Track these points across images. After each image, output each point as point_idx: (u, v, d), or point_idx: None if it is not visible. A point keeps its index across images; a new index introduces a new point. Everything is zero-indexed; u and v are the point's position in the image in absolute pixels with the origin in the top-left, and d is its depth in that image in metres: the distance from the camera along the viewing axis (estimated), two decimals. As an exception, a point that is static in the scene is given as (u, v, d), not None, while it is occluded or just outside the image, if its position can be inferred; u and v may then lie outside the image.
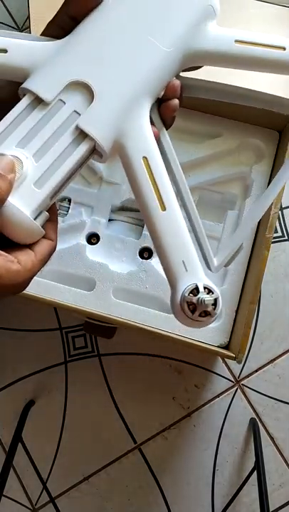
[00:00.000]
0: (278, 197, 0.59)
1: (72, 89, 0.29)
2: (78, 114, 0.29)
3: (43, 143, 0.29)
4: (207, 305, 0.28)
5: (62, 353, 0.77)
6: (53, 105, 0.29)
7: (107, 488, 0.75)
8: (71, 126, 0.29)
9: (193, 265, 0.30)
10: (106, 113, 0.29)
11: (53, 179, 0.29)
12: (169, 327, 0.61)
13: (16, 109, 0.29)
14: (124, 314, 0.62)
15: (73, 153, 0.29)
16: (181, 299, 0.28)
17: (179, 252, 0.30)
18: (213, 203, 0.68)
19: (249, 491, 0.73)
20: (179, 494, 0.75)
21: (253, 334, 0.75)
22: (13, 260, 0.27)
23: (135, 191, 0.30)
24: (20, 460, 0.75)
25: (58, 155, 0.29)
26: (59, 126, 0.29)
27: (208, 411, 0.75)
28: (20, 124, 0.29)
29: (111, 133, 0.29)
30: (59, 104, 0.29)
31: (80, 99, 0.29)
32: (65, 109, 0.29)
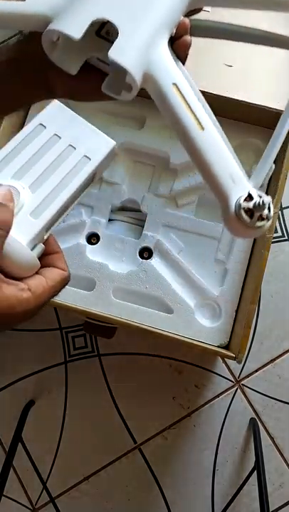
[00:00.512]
0: (278, 197, 0.59)
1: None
2: (74, 148, 0.31)
3: (40, 173, 0.30)
4: (264, 206, 0.29)
5: (63, 353, 0.77)
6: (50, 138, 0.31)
7: (107, 488, 0.75)
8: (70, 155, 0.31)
9: (240, 177, 0.31)
10: (132, 44, 0.29)
11: (50, 209, 0.29)
12: (169, 327, 0.61)
13: (17, 138, 0.30)
14: (124, 314, 0.62)
15: (71, 183, 0.30)
16: (236, 209, 0.30)
17: (225, 167, 0.31)
18: (213, 203, 0.67)
19: (249, 491, 0.73)
20: (179, 494, 0.75)
21: (253, 334, 0.75)
22: (23, 288, 0.27)
23: (172, 117, 0.31)
24: (21, 460, 0.75)
25: (55, 185, 0.30)
26: (57, 156, 0.30)
27: (208, 411, 0.75)
28: (18, 154, 0.30)
29: (139, 63, 0.29)
30: (54, 138, 0.31)
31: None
32: (62, 141, 0.31)
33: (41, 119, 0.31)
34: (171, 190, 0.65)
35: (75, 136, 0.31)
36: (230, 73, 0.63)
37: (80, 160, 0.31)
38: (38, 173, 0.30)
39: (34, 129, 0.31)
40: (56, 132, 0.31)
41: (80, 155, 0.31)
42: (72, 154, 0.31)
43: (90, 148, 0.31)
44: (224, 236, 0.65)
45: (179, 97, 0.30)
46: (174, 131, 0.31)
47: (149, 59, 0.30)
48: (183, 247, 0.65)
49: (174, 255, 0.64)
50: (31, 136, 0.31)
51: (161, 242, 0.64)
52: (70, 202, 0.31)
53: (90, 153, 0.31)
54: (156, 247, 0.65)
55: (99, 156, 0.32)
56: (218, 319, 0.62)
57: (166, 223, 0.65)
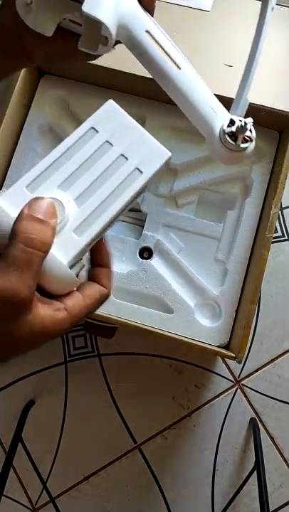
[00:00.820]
0: (278, 197, 0.59)
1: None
2: (126, 158, 0.29)
3: (88, 186, 0.28)
4: (246, 128, 0.32)
5: (63, 353, 0.77)
6: (101, 145, 0.29)
7: (107, 488, 0.75)
8: (121, 167, 0.29)
9: (220, 108, 0.34)
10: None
11: (95, 226, 0.28)
12: (169, 327, 0.61)
13: (66, 142, 0.28)
14: (124, 314, 0.62)
15: (119, 198, 0.28)
16: (221, 135, 0.32)
17: (205, 100, 0.33)
18: (213, 203, 0.68)
19: (249, 491, 0.73)
20: (179, 494, 0.75)
21: (253, 334, 0.75)
22: (59, 308, 0.26)
23: (150, 63, 0.32)
24: (21, 460, 0.75)
25: (102, 200, 0.28)
26: (107, 167, 0.28)
27: (208, 411, 0.75)
28: (67, 162, 0.28)
29: (112, 14, 0.30)
30: (106, 145, 0.29)
31: None
32: (114, 149, 0.29)
33: (94, 122, 0.29)
34: (171, 190, 0.65)
35: (128, 145, 0.29)
36: (230, 73, 0.63)
37: (132, 173, 0.29)
38: (86, 185, 0.28)
39: (85, 134, 0.29)
40: (108, 139, 0.29)
41: (131, 167, 0.29)
42: (124, 166, 0.29)
43: (143, 159, 0.29)
44: (224, 236, 0.65)
45: (153, 42, 0.32)
46: (153, 75, 0.32)
47: (120, 10, 0.31)
48: (183, 247, 0.65)
49: (174, 255, 0.64)
50: (82, 142, 0.29)
51: (161, 242, 0.64)
52: (115, 217, 0.29)
53: (142, 165, 0.29)
54: (156, 247, 0.65)
55: (151, 169, 0.29)
56: (218, 319, 0.62)
57: (166, 223, 0.65)
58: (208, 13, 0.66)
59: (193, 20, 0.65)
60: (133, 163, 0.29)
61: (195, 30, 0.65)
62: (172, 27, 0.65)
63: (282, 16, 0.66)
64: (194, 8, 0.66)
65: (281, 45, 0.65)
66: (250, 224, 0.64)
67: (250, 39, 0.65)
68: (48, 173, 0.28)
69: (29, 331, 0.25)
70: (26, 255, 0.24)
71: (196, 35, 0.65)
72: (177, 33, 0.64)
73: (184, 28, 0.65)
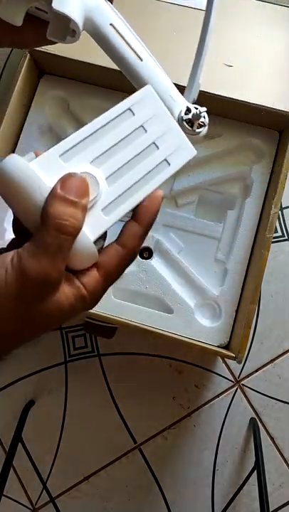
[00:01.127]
0: (278, 197, 0.59)
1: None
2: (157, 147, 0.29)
3: (120, 167, 0.28)
4: (201, 115, 0.35)
5: (63, 353, 0.77)
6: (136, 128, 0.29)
7: (107, 488, 0.75)
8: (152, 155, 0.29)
9: (178, 96, 0.36)
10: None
11: (123, 207, 0.28)
12: (169, 327, 0.61)
13: (103, 118, 0.28)
14: (124, 314, 0.62)
15: (147, 185, 0.28)
16: (179, 121, 0.34)
17: (165, 89, 0.35)
18: (213, 203, 0.68)
19: (249, 491, 0.73)
20: (179, 494, 0.75)
21: (253, 334, 0.75)
22: (79, 286, 0.26)
23: (114, 53, 0.34)
24: (21, 460, 0.75)
25: (131, 184, 0.28)
26: (140, 152, 0.28)
27: (208, 411, 0.75)
28: (102, 138, 0.28)
29: (79, 9, 0.32)
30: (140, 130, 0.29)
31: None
32: (147, 136, 0.29)
33: (131, 104, 0.29)
34: (171, 190, 0.65)
35: (161, 134, 0.29)
36: (230, 73, 0.63)
37: (160, 163, 0.29)
38: (118, 165, 0.28)
39: (122, 113, 0.29)
40: (143, 124, 0.29)
41: (161, 157, 0.29)
42: (154, 154, 0.29)
43: (172, 151, 0.30)
44: (224, 236, 0.65)
45: (117, 34, 0.34)
46: (118, 66, 0.35)
47: (86, 5, 0.33)
48: (183, 246, 0.65)
49: (174, 255, 0.64)
50: (118, 121, 0.28)
51: (161, 242, 0.64)
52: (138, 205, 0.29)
53: (171, 157, 0.29)
54: (156, 247, 0.65)
55: (178, 163, 0.30)
56: (218, 319, 0.62)
57: (166, 223, 0.65)
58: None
59: (193, 20, 0.65)
60: (163, 154, 0.29)
61: (195, 30, 0.65)
62: (172, 27, 0.65)
63: (282, 15, 0.66)
64: (194, 8, 0.66)
65: (281, 45, 0.65)
66: (250, 224, 0.64)
67: (250, 39, 0.65)
68: (82, 145, 0.27)
69: (58, 309, 0.25)
70: (59, 241, 0.24)
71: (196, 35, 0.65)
72: (177, 33, 0.64)
73: (184, 28, 0.65)
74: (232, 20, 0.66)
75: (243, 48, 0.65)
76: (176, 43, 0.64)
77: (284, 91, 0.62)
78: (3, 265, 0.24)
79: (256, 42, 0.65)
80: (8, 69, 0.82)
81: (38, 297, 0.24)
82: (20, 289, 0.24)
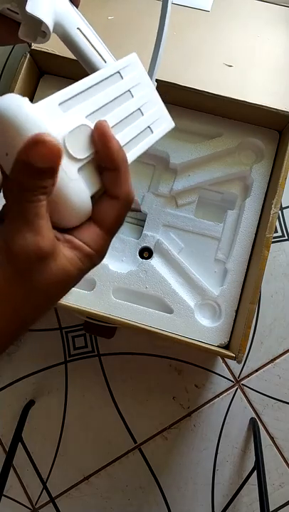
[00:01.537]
0: (278, 197, 0.59)
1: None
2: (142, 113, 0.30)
3: (113, 125, 0.28)
4: None
5: (62, 352, 0.77)
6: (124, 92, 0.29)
7: (107, 488, 0.75)
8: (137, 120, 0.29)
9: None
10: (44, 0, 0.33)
11: None
12: (169, 327, 0.61)
13: (94, 77, 0.28)
14: (124, 314, 0.62)
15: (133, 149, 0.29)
16: None
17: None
18: (213, 203, 0.68)
19: (249, 491, 0.73)
20: (179, 494, 0.75)
21: (253, 334, 0.75)
22: (80, 245, 0.25)
23: (81, 55, 0.36)
24: (20, 460, 0.75)
25: (124, 142, 0.28)
26: (127, 115, 0.29)
27: (208, 411, 0.75)
28: (93, 96, 0.28)
29: (51, 14, 0.34)
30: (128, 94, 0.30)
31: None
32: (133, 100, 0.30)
33: (119, 67, 0.30)
34: (171, 190, 0.65)
35: (145, 102, 0.30)
36: (231, 73, 0.63)
37: (145, 129, 0.30)
38: (119, 118, 0.28)
39: (113, 75, 0.29)
40: (130, 89, 0.30)
41: (145, 124, 0.30)
42: (140, 120, 0.30)
43: (154, 120, 0.31)
44: (224, 236, 0.65)
45: (83, 38, 0.36)
46: (84, 66, 0.37)
47: (56, 10, 0.35)
48: (183, 246, 0.65)
49: (174, 255, 0.64)
50: (109, 82, 0.29)
51: (161, 241, 0.64)
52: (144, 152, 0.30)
53: (153, 125, 0.30)
54: (156, 247, 0.65)
55: (159, 132, 0.31)
56: (218, 319, 0.62)
57: (166, 223, 0.65)
58: (208, 13, 0.66)
59: (193, 20, 0.65)
60: (147, 121, 0.30)
61: (195, 30, 0.65)
62: (172, 27, 0.65)
63: (283, 15, 0.66)
64: (194, 8, 0.66)
65: (281, 45, 0.65)
66: (250, 224, 0.64)
67: (250, 39, 0.65)
68: (79, 98, 0.27)
69: (64, 274, 0.24)
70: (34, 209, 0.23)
71: (196, 35, 0.65)
72: (177, 33, 0.64)
73: (184, 28, 0.65)
74: (232, 20, 0.66)
75: (243, 48, 0.65)
76: (175, 42, 0.64)
77: (284, 91, 0.62)
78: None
79: (256, 42, 0.65)
80: (8, 69, 0.82)
81: (38, 272, 0.23)
82: (17, 271, 0.23)
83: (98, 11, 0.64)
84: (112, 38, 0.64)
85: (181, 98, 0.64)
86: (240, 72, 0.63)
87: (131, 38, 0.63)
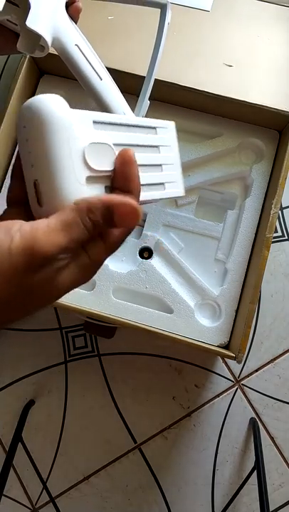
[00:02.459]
0: (278, 197, 0.59)
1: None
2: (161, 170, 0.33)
3: (141, 164, 0.29)
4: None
5: (63, 352, 0.77)
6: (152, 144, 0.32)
7: (107, 488, 0.75)
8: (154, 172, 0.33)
9: (129, 112, 0.41)
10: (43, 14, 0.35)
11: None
12: (169, 327, 0.61)
13: (132, 119, 0.31)
14: (124, 314, 0.62)
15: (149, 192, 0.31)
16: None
17: (119, 105, 0.40)
18: (213, 202, 0.68)
19: (249, 491, 0.73)
20: (179, 494, 0.75)
21: (253, 334, 0.75)
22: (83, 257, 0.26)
23: (77, 71, 0.38)
24: (20, 460, 0.75)
25: (145, 183, 0.30)
26: (148, 164, 0.32)
27: (208, 411, 0.75)
28: (128, 132, 0.30)
29: (50, 29, 0.35)
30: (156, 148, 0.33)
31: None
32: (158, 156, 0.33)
33: (157, 125, 0.33)
34: (171, 190, 0.65)
35: (168, 162, 0.33)
36: (230, 73, 0.63)
37: (159, 184, 0.33)
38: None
39: (149, 126, 0.32)
40: (160, 146, 0.33)
41: (162, 179, 0.33)
42: (158, 173, 0.33)
43: (169, 180, 0.34)
44: (224, 236, 0.65)
45: (81, 54, 0.37)
46: (80, 82, 0.38)
47: (55, 26, 0.36)
48: (183, 246, 0.65)
49: (174, 255, 0.64)
50: (145, 129, 0.31)
51: (161, 241, 0.64)
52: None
53: (167, 184, 0.34)
54: (156, 247, 0.65)
55: (169, 193, 0.34)
56: (218, 319, 0.62)
57: (166, 223, 0.65)
58: (208, 13, 0.66)
59: (193, 20, 0.65)
60: (164, 178, 0.33)
61: (195, 30, 0.65)
62: (172, 27, 0.65)
63: (283, 16, 0.66)
64: (194, 8, 0.66)
65: (281, 45, 0.65)
66: (250, 224, 0.64)
67: (250, 39, 0.65)
68: (114, 127, 0.29)
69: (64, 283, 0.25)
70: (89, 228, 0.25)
71: (196, 35, 0.65)
72: (177, 33, 0.64)
73: (184, 28, 0.65)
74: (232, 20, 0.66)
75: (243, 48, 0.65)
76: (175, 42, 0.64)
77: (284, 91, 0.62)
78: (8, 232, 0.23)
79: (256, 42, 0.65)
80: (8, 69, 0.82)
81: (45, 271, 0.24)
82: (27, 262, 0.23)
83: (98, 11, 0.64)
84: (112, 38, 0.64)
85: (181, 98, 0.64)
86: (240, 72, 0.63)
87: (131, 38, 0.63)
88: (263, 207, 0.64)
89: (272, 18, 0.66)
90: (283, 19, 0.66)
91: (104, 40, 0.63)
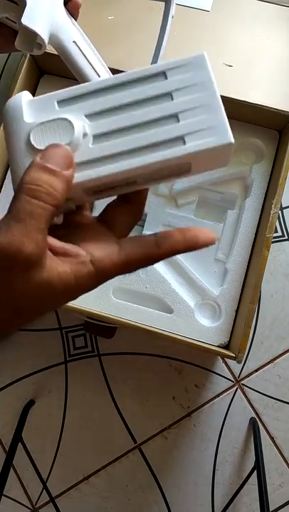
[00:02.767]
0: (278, 197, 0.59)
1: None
2: (178, 120, 0.24)
3: (117, 128, 0.24)
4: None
5: (62, 352, 0.77)
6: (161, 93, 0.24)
7: (107, 488, 0.75)
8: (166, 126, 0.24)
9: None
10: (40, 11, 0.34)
11: (95, 172, 0.24)
12: (169, 327, 0.61)
13: (128, 74, 0.25)
14: (124, 314, 0.62)
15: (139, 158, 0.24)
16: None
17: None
18: (213, 202, 0.68)
19: (249, 491, 0.73)
20: (179, 494, 0.75)
21: (253, 334, 0.75)
22: (84, 261, 0.23)
23: (75, 68, 0.37)
24: (20, 460, 0.75)
25: (121, 150, 0.24)
26: (153, 119, 0.24)
27: (208, 411, 0.75)
28: (110, 94, 0.24)
29: (47, 26, 0.35)
30: (165, 97, 0.24)
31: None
32: (171, 104, 0.24)
33: (169, 67, 0.24)
34: (171, 190, 0.65)
35: (191, 107, 0.24)
36: (231, 73, 0.63)
37: (173, 139, 0.24)
38: (115, 126, 0.24)
39: (152, 75, 0.24)
40: (173, 91, 0.24)
41: (176, 132, 0.24)
42: (169, 127, 0.24)
43: (196, 130, 0.24)
44: (224, 236, 0.65)
45: (79, 51, 0.37)
46: (78, 79, 0.37)
47: (53, 23, 0.35)
48: (183, 247, 0.65)
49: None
50: (142, 81, 0.24)
51: (161, 242, 0.64)
52: (128, 177, 0.25)
53: (191, 136, 0.23)
54: (156, 247, 0.65)
55: (197, 146, 0.23)
56: (218, 319, 0.62)
57: (166, 223, 0.65)
58: (208, 13, 0.66)
59: (193, 20, 0.65)
60: (181, 130, 0.24)
61: (195, 30, 0.65)
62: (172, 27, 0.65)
63: (283, 16, 0.66)
64: (194, 8, 0.66)
65: (281, 45, 0.65)
66: (250, 224, 0.64)
67: (250, 39, 0.65)
68: (87, 96, 0.25)
69: (46, 289, 0.22)
70: (30, 206, 0.21)
71: (196, 35, 0.65)
72: (177, 33, 0.64)
73: (184, 28, 0.65)
74: (232, 20, 0.66)
75: (243, 48, 0.65)
76: (175, 42, 0.64)
77: (284, 91, 0.62)
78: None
79: (256, 42, 0.65)
80: (8, 69, 0.82)
81: (15, 275, 0.21)
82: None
83: (98, 11, 0.64)
84: (112, 38, 0.64)
85: (181, 98, 0.64)
86: (240, 72, 0.63)
87: (131, 38, 0.63)
88: (263, 207, 0.64)
89: (272, 18, 0.66)
90: (283, 19, 0.66)
91: (105, 40, 0.63)
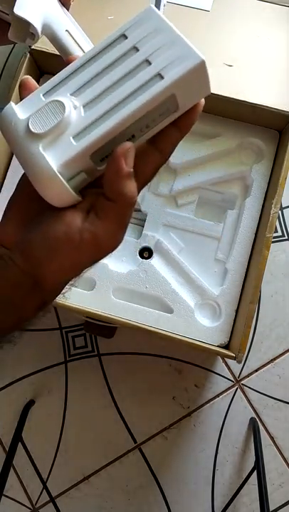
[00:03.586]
0: (278, 197, 0.59)
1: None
2: (149, 63, 0.26)
3: (100, 92, 0.26)
4: None
5: (62, 352, 0.77)
6: (126, 51, 0.26)
7: (107, 488, 0.75)
8: (140, 72, 0.26)
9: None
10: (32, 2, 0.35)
11: (95, 132, 0.25)
12: (169, 327, 0.61)
13: (94, 49, 0.27)
14: (124, 314, 0.62)
15: (129, 104, 0.25)
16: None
17: None
18: (213, 202, 0.68)
19: (249, 491, 0.73)
20: (179, 494, 0.75)
21: (253, 334, 0.75)
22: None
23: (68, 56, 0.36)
24: (20, 460, 0.75)
25: (110, 106, 0.25)
26: (126, 73, 0.26)
27: (208, 411, 0.75)
28: (88, 67, 0.26)
29: (39, 15, 0.35)
30: (131, 51, 0.26)
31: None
32: (138, 54, 0.26)
33: (125, 28, 0.27)
34: (171, 190, 0.65)
35: (156, 50, 0.26)
36: (231, 73, 0.63)
37: (151, 79, 0.25)
38: (98, 91, 0.26)
39: (115, 40, 0.27)
40: (136, 44, 0.26)
41: (152, 72, 0.25)
42: (144, 71, 0.25)
43: (167, 64, 0.25)
44: (224, 236, 0.65)
45: (72, 40, 0.37)
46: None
47: (45, 13, 0.36)
48: (183, 246, 0.65)
49: (174, 255, 0.64)
50: (107, 49, 0.26)
51: (161, 241, 0.64)
52: (123, 126, 0.26)
53: (165, 70, 0.25)
54: (156, 247, 0.65)
55: (176, 72, 0.25)
56: (218, 319, 0.62)
57: (166, 223, 0.65)
58: (208, 13, 0.66)
59: (193, 20, 0.65)
60: (155, 68, 0.25)
61: (195, 30, 0.65)
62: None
63: (283, 15, 0.66)
64: (194, 8, 0.66)
65: (281, 45, 0.65)
66: (250, 224, 0.64)
67: (250, 39, 0.65)
68: (67, 80, 0.27)
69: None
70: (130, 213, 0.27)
71: (196, 35, 0.65)
72: (177, 33, 0.64)
73: (184, 28, 0.65)
74: (232, 20, 0.66)
75: (243, 48, 0.65)
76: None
77: (284, 91, 0.62)
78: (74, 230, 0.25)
79: (256, 42, 0.65)
80: (8, 69, 0.82)
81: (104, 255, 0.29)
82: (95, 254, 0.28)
83: (98, 11, 0.64)
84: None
85: (181, 98, 0.64)
86: (240, 72, 0.63)
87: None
88: (263, 207, 0.64)
89: (272, 18, 0.66)
90: (283, 19, 0.66)
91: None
